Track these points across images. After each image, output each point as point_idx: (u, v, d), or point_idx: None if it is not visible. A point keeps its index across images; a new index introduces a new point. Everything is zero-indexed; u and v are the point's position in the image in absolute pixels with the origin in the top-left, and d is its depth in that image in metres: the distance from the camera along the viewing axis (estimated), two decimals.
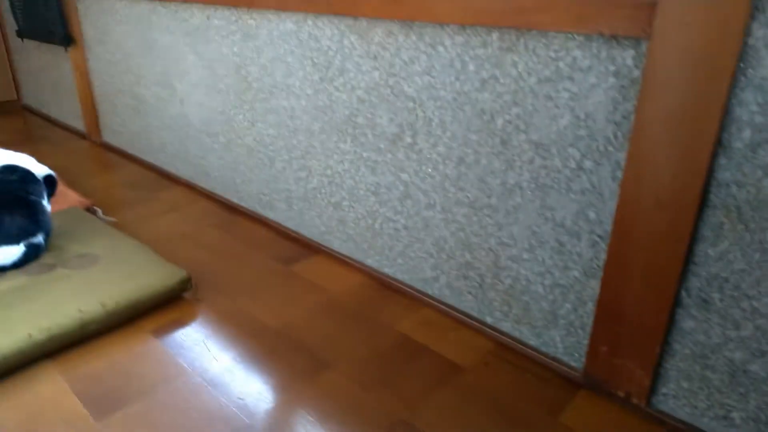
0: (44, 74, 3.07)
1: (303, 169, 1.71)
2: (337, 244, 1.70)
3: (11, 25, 3.17)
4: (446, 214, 1.35)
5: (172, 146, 2.26)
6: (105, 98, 2.59)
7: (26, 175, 1.77)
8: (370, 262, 1.61)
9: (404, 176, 1.42)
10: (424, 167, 1.36)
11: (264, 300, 1.51)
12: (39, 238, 1.56)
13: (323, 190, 1.67)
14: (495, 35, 1.11)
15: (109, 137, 2.70)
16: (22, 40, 3.07)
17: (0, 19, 3.30)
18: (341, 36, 1.43)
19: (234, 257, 1.73)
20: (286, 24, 1.56)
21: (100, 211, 1.98)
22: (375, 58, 1.37)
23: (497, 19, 1.07)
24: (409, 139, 1.37)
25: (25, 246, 1.51)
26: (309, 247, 1.78)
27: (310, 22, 1.49)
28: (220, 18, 1.77)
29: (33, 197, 1.59)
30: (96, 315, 1.34)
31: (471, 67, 1.18)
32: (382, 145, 1.44)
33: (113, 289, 1.40)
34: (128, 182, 2.32)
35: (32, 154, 2.61)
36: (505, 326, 1.31)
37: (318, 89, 1.55)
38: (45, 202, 1.79)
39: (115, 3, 2.23)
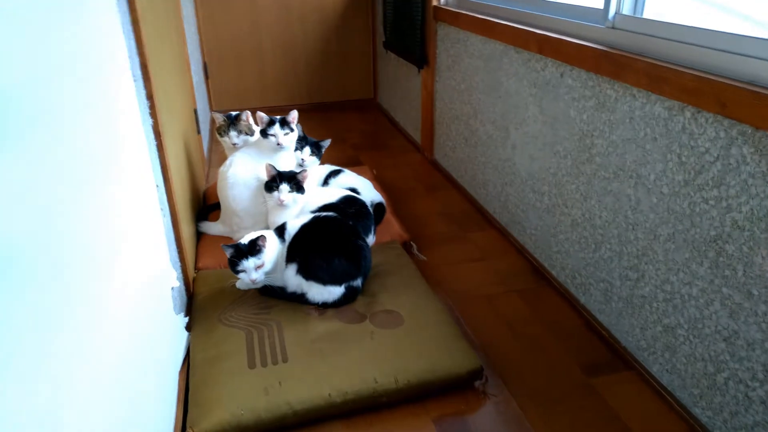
0: (397, 83, 3.34)
1: (634, 270, 1.43)
2: (656, 369, 1.40)
3: (381, 36, 3.52)
4: None
5: (493, 187, 2.20)
6: (442, 120, 2.67)
7: (361, 210, 1.91)
8: (698, 413, 1.27)
9: None
10: None
11: (553, 421, 1.34)
12: (358, 282, 1.66)
13: (655, 305, 1.37)
14: None
15: (439, 157, 2.80)
16: (386, 51, 3.39)
17: (374, 29, 3.71)
18: (729, 143, 1.10)
19: (533, 344, 1.58)
20: (654, 107, 1.29)
21: (415, 247, 2.05)
22: None
23: None
24: None
25: (345, 288, 1.63)
26: (620, 357, 1.51)
27: (688, 114, 1.19)
28: (575, 79, 1.58)
29: (360, 242, 1.69)
30: (388, 388, 1.36)
31: None
32: (755, 291, 1.09)
33: (408, 365, 1.40)
34: (446, 213, 2.35)
35: (374, 161, 2.90)
36: None
37: (678, 192, 1.25)
38: (371, 237, 1.93)
39: (470, 36, 2.23)
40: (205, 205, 2.29)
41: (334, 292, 1.62)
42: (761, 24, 1.33)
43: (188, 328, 1.59)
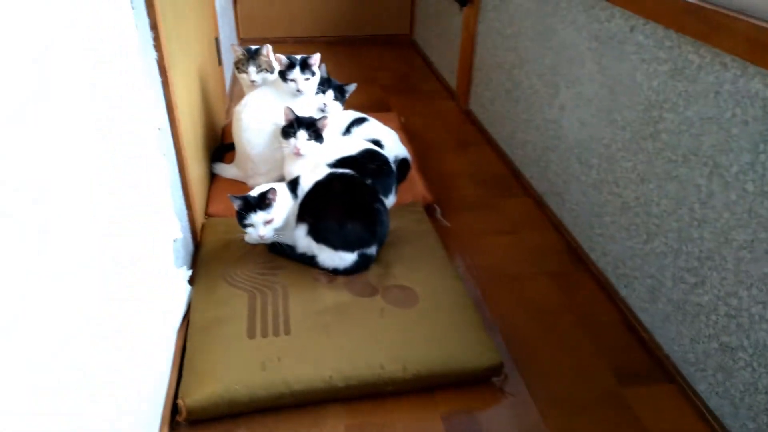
0: (436, 21, 3.03)
1: (692, 273, 1.22)
2: (703, 388, 1.21)
3: None
4: None
5: (533, 150, 1.96)
6: (482, 67, 2.40)
7: (382, 167, 1.71)
8: None
9: None
10: None
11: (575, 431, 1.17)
12: (372, 249, 1.49)
13: (713, 318, 1.17)
14: None
15: (474, 107, 2.54)
16: None
17: None
18: None
19: (562, 338, 1.40)
20: (751, 82, 1.03)
21: (438, 211, 1.85)
22: None
23: None
24: None
25: (358, 255, 1.46)
26: (661, 366, 1.32)
27: None
28: (649, 36, 1.31)
29: (378, 206, 1.50)
30: (395, 377, 1.21)
31: None
32: None
33: (419, 352, 1.25)
34: (477, 174, 2.13)
35: (404, 107, 2.66)
36: None
37: (767, 194, 1.01)
38: (392, 197, 1.73)
39: None
40: (222, 144, 2.11)
41: (346, 258, 1.46)
42: None
43: (191, 281, 1.46)
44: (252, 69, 1.85)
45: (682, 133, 1.22)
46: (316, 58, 1.79)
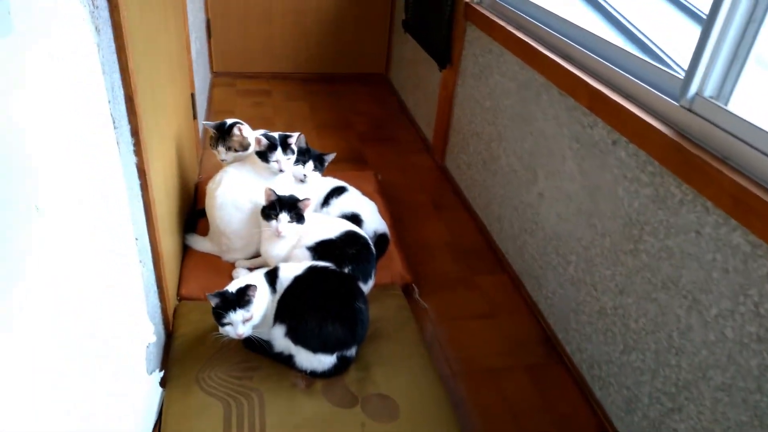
0: (413, 69, 3.02)
1: (670, 398, 1.24)
2: None
3: (400, 11, 3.16)
4: None
5: (510, 226, 1.97)
6: (459, 129, 2.40)
7: (362, 251, 1.69)
8: None
9: None
10: None
11: None
12: (352, 351, 1.47)
13: None
14: None
15: (451, 166, 2.54)
16: (405, 32, 3.04)
17: (393, 1, 3.34)
18: None
19: None
20: (733, 234, 1.05)
21: (417, 292, 1.84)
22: None
23: None
24: None
25: (338, 358, 1.44)
26: None
27: None
28: (632, 155, 1.33)
29: (359, 304, 1.48)
30: None
31: None
32: None
33: None
34: (454, 243, 2.13)
35: (380, 159, 2.64)
36: None
37: (747, 345, 1.03)
38: (370, 282, 1.71)
39: (504, 53, 1.93)
40: (195, 210, 2.04)
41: (325, 361, 1.43)
42: None
43: (163, 384, 1.41)
44: (221, 149, 1.80)
45: (661, 260, 1.24)
46: (295, 137, 1.77)
